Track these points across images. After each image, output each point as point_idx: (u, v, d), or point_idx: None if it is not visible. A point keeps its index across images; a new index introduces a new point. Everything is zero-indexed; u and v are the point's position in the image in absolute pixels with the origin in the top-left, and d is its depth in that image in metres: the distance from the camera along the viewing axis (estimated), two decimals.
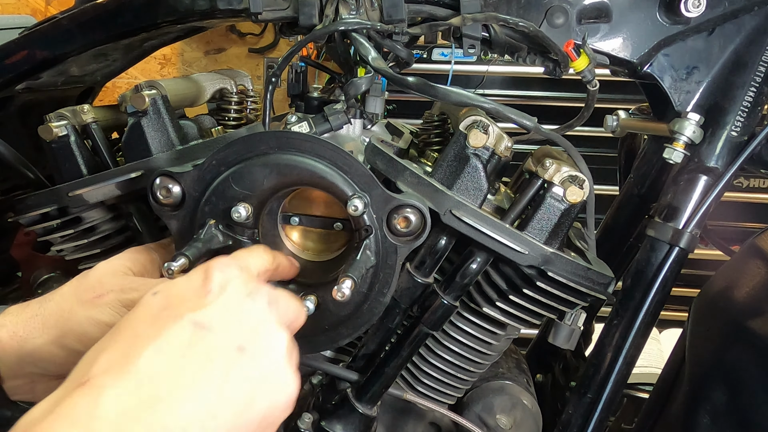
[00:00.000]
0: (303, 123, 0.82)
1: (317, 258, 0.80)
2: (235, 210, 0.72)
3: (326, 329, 0.76)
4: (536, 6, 0.85)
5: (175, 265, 0.66)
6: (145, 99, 0.81)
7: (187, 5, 0.87)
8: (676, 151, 0.85)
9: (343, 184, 0.71)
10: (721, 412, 0.80)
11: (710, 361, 0.84)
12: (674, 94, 0.88)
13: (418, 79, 0.79)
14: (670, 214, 0.86)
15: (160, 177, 0.74)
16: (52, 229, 0.85)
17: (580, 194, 0.75)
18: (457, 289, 0.78)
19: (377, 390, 0.81)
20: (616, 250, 1.16)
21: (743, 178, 2.40)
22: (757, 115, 0.86)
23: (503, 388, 0.95)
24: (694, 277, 1.60)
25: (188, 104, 1.01)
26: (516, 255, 0.74)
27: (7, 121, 1.03)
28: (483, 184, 0.76)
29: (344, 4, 0.82)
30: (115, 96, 1.36)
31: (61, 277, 1.07)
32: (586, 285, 0.77)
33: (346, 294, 0.66)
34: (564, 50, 0.83)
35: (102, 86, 1.17)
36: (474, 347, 0.84)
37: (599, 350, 0.89)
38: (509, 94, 2.53)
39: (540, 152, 0.86)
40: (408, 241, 0.72)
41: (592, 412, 0.88)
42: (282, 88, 0.92)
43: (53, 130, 0.83)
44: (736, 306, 0.82)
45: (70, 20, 0.92)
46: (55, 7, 3.31)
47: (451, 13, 0.83)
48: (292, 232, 0.81)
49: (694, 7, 0.83)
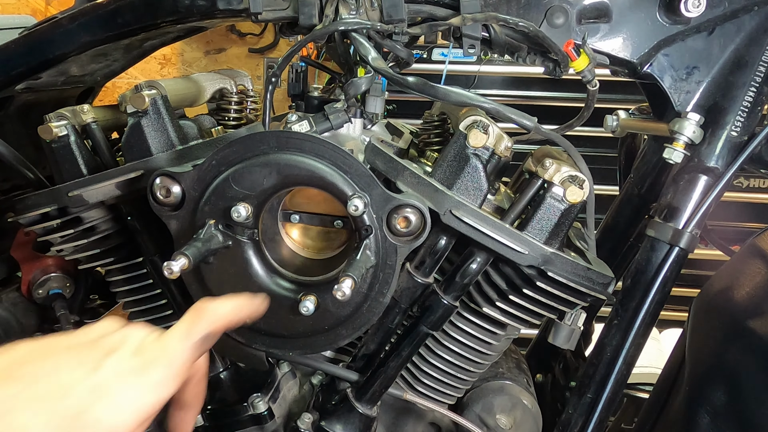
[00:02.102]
0: (303, 122, 0.82)
1: (317, 255, 0.80)
2: (235, 210, 0.72)
3: (326, 329, 0.76)
4: (536, 6, 0.85)
5: (176, 265, 0.66)
6: (145, 99, 0.81)
7: (187, 5, 0.87)
8: (676, 151, 0.85)
9: (343, 183, 0.71)
10: (721, 412, 0.80)
11: (710, 361, 0.84)
12: (674, 94, 0.88)
13: (418, 79, 0.79)
14: (670, 214, 0.86)
15: (160, 177, 0.74)
16: (52, 229, 0.85)
17: (580, 194, 0.75)
18: (457, 289, 0.78)
19: (377, 390, 0.81)
20: (616, 250, 1.16)
21: (743, 178, 2.41)
22: (757, 115, 0.86)
23: (503, 388, 0.95)
24: (694, 277, 1.60)
25: (188, 104, 1.01)
26: (516, 255, 0.74)
27: (7, 121, 1.03)
28: (483, 184, 0.76)
29: (344, 4, 0.82)
30: (115, 96, 1.36)
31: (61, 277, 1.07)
32: (586, 285, 0.77)
33: (347, 293, 0.66)
34: (564, 50, 0.83)
35: (102, 86, 1.17)
36: (474, 347, 0.84)
37: (599, 350, 0.89)
38: (509, 94, 2.53)
39: (540, 152, 0.86)
40: (408, 241, 0.72)
41: (592, 412, 0.88)
42: (282, 88, 0.92)
43: (53, 130, 0.83)
44: (736, 306, 0.82)
45: (70, 20, 0.92)
46: (55, 7, 3.31)
47: (451, 13, 0.83)
48: (293, 229, 0.81)
49: (694, 7, 0.83)
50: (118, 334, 0.60)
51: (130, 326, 0.61)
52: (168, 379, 0.58)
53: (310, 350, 0.79)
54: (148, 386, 0.57)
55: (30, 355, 0.57)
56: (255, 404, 0.85)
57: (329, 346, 0.81)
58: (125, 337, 0.60)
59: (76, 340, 0.60)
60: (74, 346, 0.59)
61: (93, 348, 0.58)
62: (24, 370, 0.55)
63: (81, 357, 0.57)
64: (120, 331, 0.61)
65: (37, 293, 1.06)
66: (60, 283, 1.07)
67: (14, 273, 1.12)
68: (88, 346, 0.59)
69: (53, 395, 0.54)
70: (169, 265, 0.66)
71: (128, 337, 0.60)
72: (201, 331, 0.61)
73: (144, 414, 0.57)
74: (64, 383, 0.55)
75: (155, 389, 0.57)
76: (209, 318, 0.62)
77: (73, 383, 0.55)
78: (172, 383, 0.59)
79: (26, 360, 0.56)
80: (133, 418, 0.56)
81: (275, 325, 0.77)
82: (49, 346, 0.58)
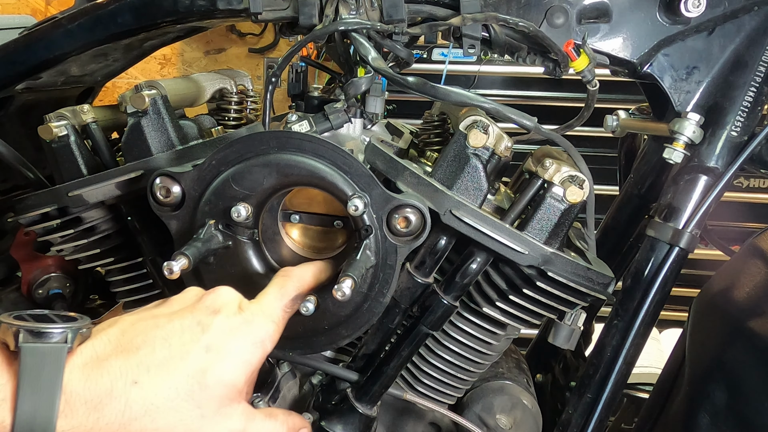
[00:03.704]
0: (303, 122, 0.82)
1: (317, 256, 0.80)
2: (235, 210, 0.72)
3: (326, 329, 0.76)
4: (536, 6, 0.85)
5: (176, 265, 0.66)
6: (145, 99, 0.81)
7: (187, 5, 0.87)
8: (676, 151, 0.85)
9: (343, 183, 0.71)
10: (721, 412, 0.80)
11: (710, 361, 0.84)
12: (674, 94, 0.88)
13: (418, 79, 0.79)
14: (670, 214, 0.86)
15: (160, 177, 0.74)
16: (52, 229, 0.85)
17: (580, 194, 0.75)
18: (457, 289, 0.78)
19: (377, 390, 0.81)
20: (616, 250, 1.16)
21: (743, 178, 2.41)
22: (757, 115, 0.86)
23: (503, 388, 0.95)
24: (694, 277, 1.60)
25: (188, 104, 1.01)
26: (516, 255, 0.74)
27: (7, 121, 1.03)
28: (483, 184, 0.76)
29: (344, 4, 0.82)
30: (115, 96, 1.36)
31: (61, 277, 1.07)
32: (586, 285, 0.77)
33: (347, 293, 0.66)
34: (564, 50, 0.83)
35: (102, 86, 1.17)
36: (474, 347, 0.84)
37: (599, 350, 0.89)
38: (509, 94, 2.53)
39: (540, 152, 0.86)
40: (408, 241, 0.72)
41: (592, 412, 0.88)
42: (282, 88, 0.92)
43: (53, 130, 0.83)
44: (736, 306, 0.82)
45: (70, 20, 0.92)
46: (55, 7, 3.31)
47: (451, 13, 0.83)
48: (293, 229, 0.81)
49: (694, 7, 0.83)
50: (213, 296, 0.63)
51: (220, 288, 0.64)
52: (270, 334, 0.62)
53: (310, 350, 0.79)
54: (254, 342, 0.61)
55: (137, 327, 0.59)
56: (255, 404, 0.85)
57: (329, 346, 0.81)
58: (221, 297, 0.63)
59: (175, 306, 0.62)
60: (176, 312, 0.61)
61: (195, 311, 0.61)
62: (137, 341, 0.57)
63: (186, 321, 0.59)
64: (214, 292, 0.63)
65: (37, 293, 1.07)
66: (60, 283, 1.07)
67: (14, 273, 1.12)
68: (190, 311, 0.61)
69: (173, 359, 0.57)
70: (169, 265, 0.66)
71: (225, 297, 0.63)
72: (291, 293, 0.67)
73: (253, 368, 0.60)
74: (179, 347, 0.57)
75: (262, 345, 0.61)
76: (296, 281, 0.69)
77: (188, 346, 0.58)
78: (273, 340, 0.63)
79: (135, 332, 0.58)
80: (246, 372, 0.60)
81: None
82: (152, 316, 0.60)
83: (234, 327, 0.60)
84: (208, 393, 0.57)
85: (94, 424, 0.54)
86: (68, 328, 0.55)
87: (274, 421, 0.64)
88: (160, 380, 0.56)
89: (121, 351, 0.56)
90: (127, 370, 0.55)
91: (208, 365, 0.57)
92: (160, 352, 0.57)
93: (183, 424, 0.56)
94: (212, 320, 0.59)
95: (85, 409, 0.53)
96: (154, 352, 0.56)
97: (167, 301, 0.64)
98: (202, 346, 0.58)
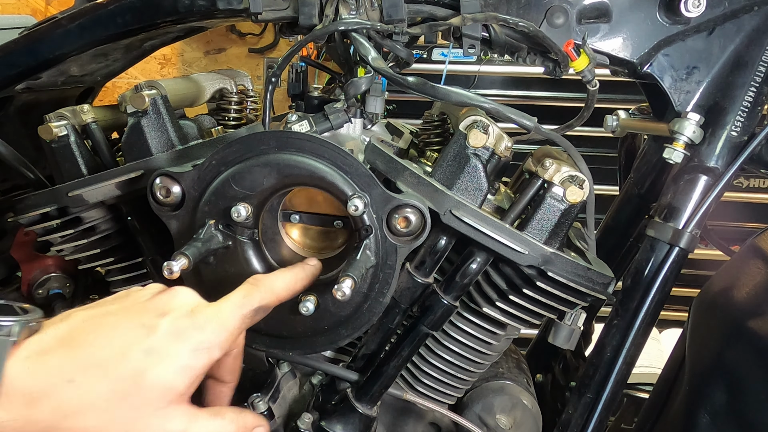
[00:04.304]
0: (303, 122, 0.82)
1: (317, 256, 0.80)
2: (235, 210, 0.72)
3: (326, 329, 0.76)
4: (536, 6, 0.85)
5: (176, 265, 0.66)
6: (145, 99, 0.81)
7: (187, 5, 0.87)
8: (676, 151, 0.85)
9: (343, 184, 0.71)
10: (721, 412, 0.80)
11: (710, 361, 0.84)
12: (674, 94, 0.88)
13: (418, 79, 0.79)
14: (670, 214, 0.86)
15: (160, 177, 0.74)
16: (52, 229, 0.85)
17: (580, 194, 0.75)
18: (457, 289, 0.78)
19: (377, 390, 0.81)
20: (616, 250, 1.16)
21: (743, 178, 2.41)
22: (757, 115, 0.86)
23: (503, 388, 0.95)
24: (694, 277, 1.60)
25: (188, 104, 1.01)
26: (516, 255, 0.74)
27: (7, 121, 1.03)
28: (483, 184, 0.76)
29: (344, 4, 0.82)
30: (115, 96, 1.36)
31: (61, 277, 1.07)
32: (586, 285, 0.77)
33: (347, 293, 0.66)
34: (564, 50, 0.83)
35: (102, 86, 1.17)
36: (474, 347, 0.84)
37: (599, 350, 0.89)
38: (509, 94, 2.53)
39: (540, 152, 0.86)
40: (408, 241, 0.72)
41: (592, 412, 0.88)
42: (282, 88, 0.92)
43: (53, 130, 0.83)
44: (736, 306, 0.82)
45: (70, 20, 0.92)
46: (55, 7, 3.31)
47: (451, 13, 0.83)
48: (293, 229, 0.81)
49: (694, 7, 0.83)
50: (166, 296, 0.62)
51: (178, 288, 0.63)
52: (218, 342, 0.60)
53: (310, 350, 0.79)
54: (199, 348, 0.59)
55: (85, 324, 0.59)
56: (255, 404, 0.85)
57: (329, 346, 0.81)
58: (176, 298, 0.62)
59: (129, 302, 0.62)
60: (128, 308, 0.61)
61: (144, 311, 0.60)
62: (82, 338, 0.57)
63: (135, 320, 0.59)
64: (169, 292, 0.62)
65: (37, 293, 1.06)
66: (60, 283, 1.07)
67: (14, 273, 1.12)
68: (139, 310, 0.60)
69: (111, 360, 0.56)
70: (169, 265, 0.66)
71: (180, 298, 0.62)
72: (254, 303, 0.64)
73: (195, 375, 0.59)
74: (120, 347, 0.57)
75: (207, 351, 0.59)
76: (263, 291, 0.65)
77: (129, 346, 0.57)
78: (221, 347, 0.61)
79: (83, 327, 0.58)
80: (188, 377, 0.58)
81: (275, 325, 0.77)
82: (103, 312, 0.60)
83: (180, 330, 0.59)
84: (144, 395, 0.56)
85: (28, 419, 0.54)
86: (16, 321, 0.55)
87: (221, 420, 0.62)
88: (95, 380, 0.56)
89: (64, 346, 0.57)
90: (65, 367, 0.55)
91: (146, 367, 0.57)
92: (100, 352, 0.57)
93: (116, 424, 0.56)
94: (158, 322, 0.59)
95: (22, 402, 0.54)
96: (95, 350, 0.57)
97: (127, 294, 0.63)
98: (143, 348, 0.57)
